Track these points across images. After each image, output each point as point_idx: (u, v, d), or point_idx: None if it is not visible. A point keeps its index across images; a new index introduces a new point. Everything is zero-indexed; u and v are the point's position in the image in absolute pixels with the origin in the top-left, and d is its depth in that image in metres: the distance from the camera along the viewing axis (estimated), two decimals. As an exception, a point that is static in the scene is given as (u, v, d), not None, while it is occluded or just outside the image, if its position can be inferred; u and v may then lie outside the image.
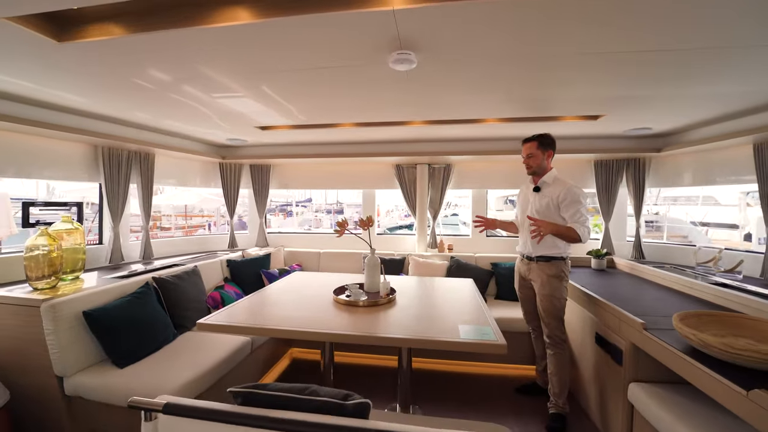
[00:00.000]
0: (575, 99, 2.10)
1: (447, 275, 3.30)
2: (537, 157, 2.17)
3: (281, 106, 2.24)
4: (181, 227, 12.98)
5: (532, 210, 2.19)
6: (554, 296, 2.10)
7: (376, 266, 2.25)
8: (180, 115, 2.50)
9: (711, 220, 10.82)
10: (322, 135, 3.10)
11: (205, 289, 2.78)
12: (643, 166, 3.22)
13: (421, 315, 1.86)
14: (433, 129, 2.79)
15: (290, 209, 20.93)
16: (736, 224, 10.40)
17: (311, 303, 2.04)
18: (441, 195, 3.71)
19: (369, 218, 2.26)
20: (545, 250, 2.13)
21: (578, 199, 2.06)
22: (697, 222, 10.47)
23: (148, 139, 3.00)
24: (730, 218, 10.90)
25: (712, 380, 1.22)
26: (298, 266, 3.63)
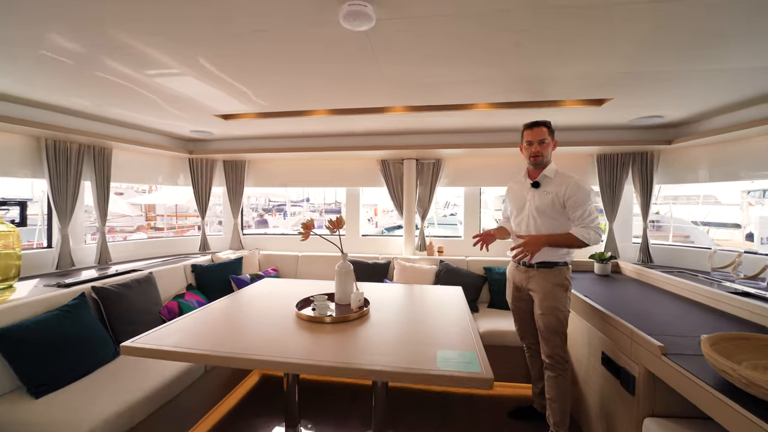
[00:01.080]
0: (577, 77, 1.79)
1: (435, 281, 3.00)
2: (549, 145, 1.85)
3: (233, 88, 1.93)
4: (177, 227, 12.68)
5: (532, 209, 1.87)
6: (558, 309, 1.80)
7: (348, 274, 1.95)
8: (122, 100, 2.18)
9: (712, 219, 10.57)
10: (295, 125, 2.79)
11: (161, 299, 2.47)
12: (651, 160, 2.92)
13: (397, 334, 1.56)
14: (418, 118, 2.49)
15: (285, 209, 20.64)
16: (739, 224, 10.15)
17: (270, 319, 1.74)
18: (430, 193, 3.41)
19: (339, 219, 1.95)
20: (547, 254, 1.83)
21: (588, 196, 1.77)
22: (698, 221, 10.22)
23: (101, 131, 2.69)
24: (731, 218, 10.65)
25: (757, 428, 0.92)
26: (274, 271, 3.33)
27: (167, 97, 2.08)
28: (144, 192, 13.21)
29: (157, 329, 1.59)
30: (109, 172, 2.89)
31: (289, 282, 2.55)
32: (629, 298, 2.17)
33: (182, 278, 2.84)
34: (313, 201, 23.85)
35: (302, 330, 1.60)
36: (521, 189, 1.97)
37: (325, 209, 21.83)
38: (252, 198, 20.82)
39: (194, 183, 3.53)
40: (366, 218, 14.94)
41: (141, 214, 17.10)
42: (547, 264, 1.84)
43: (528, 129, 1.87)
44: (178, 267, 2.82)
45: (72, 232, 2.72)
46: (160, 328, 1.60)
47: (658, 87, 1.89)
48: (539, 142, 1.83)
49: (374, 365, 1.25)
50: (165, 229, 15.98)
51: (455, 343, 1.44)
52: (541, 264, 1.85)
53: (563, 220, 1.81)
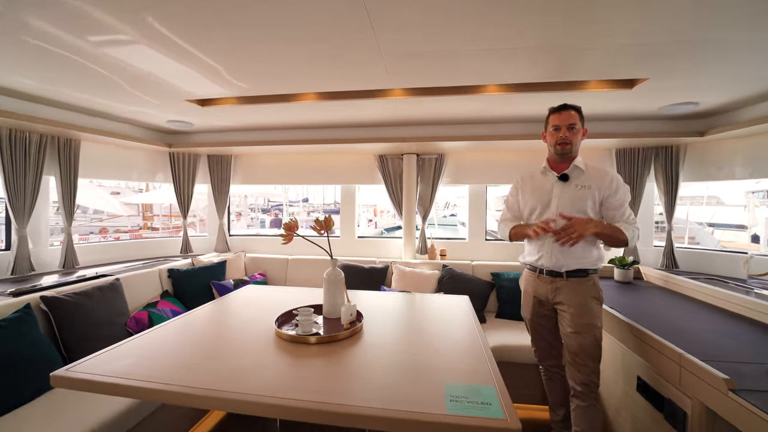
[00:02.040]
0: (613, 49, 1.49)
1: (438, 288, 2.72)
2: (579, 132, 1.57)
3: (202, 64, 1.64)
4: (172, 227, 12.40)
5: (560, 205, 1.56)
6: (596, 326, 1.51)
7: (337, 283, 1.68)
8: (72, 78, 1.86)
9: (717, 220, 10.32)
10: (283, 114, 2.51)
11: (128, 309, 2.19)
12: (676, 154, 2.65)
13: (394, 358, 1.27)
14: (419, 104, 2.20)
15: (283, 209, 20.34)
16: (743, 225, 9.90)
17: (245, 337, 1.45)
18: (432, 191, 3.13)
19: (327, 219, 1.67)
20: (581, 260, 1.53)
21: (628, 193, 1.57)
22: (703, 223, 9.96)
23: (64, 120, 2.40)
24: (736, 219, 10.40)
25: None
26: (261, 276, 3.04)
27: (126, 75, 1.77)
28: (141, 191, 12.90)
29: (104, 351, 1.31)
30: (77, 167, 2.60)
31: (275, 289, 2.26)
32: (659, 310, 1.89)
33: (156, 284, 2.55)
34: (312, 201, 23.59)
35: (282, 352, 1.32)
36: (543, 182, 1.66)
37: (324, 209, 21.52)
38: (250, 198, 20.56)
39: (175, 179, 3.24)
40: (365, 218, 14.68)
41: (137, 213, 16.83)
42: (579, 272, 1.54)
43: (555, 113, 1.58)
44: (152, 272, 2.53)
45: (34, 233, 2.44)
46: (108, 350, 1.32)
47: (708, 62, 1.58)
48: (568, 127, 1.53)
49: (367, 407, 0.97)
50: (160, 229, 15.66)
51: (466, 372, 1.16)
52: (572, 273, 1.55)
53: (597, 219, 1.53)
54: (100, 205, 9.99)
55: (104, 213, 11.82)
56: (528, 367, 2.13)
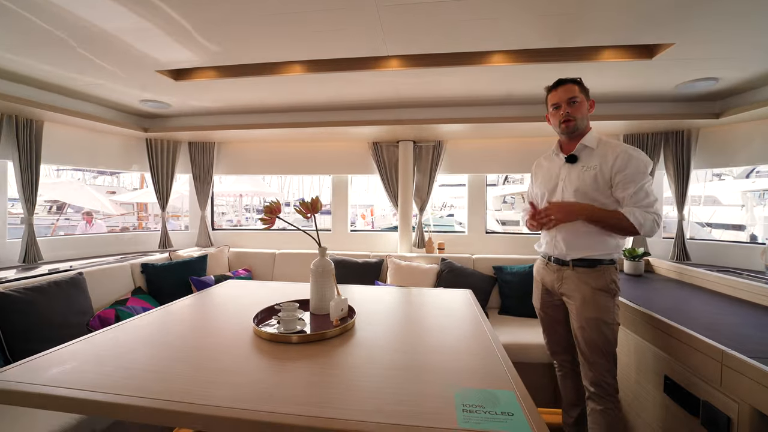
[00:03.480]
0: (631, 15, 1.32)
1: (436, 283, 2.54)
2: (582, 104, 1.39)
3: (166, 19, 1.40)
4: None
5: (566, 189, 1.42)
6: (603, 321, 1.33)
7: (326, 274, 1.48)
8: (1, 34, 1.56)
9: (715, 220, 10.35)
10: (268, 91, 2.28)
11: (92, 307, 1.95)
12: (687, 139, 2.50)
13: (391, 358, 1.08)
14: (418, 77, 1.99)
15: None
16: (743, 224, 9.93)
17: (219, 338, 1.24)
18: (430, 181, 2.94)
19: (315, 200, 1.47)
20: (587, 248, 1.37)
21: (642, 168, 1.30)
22: (703, 222, 9.97)
23: (21, 94, 2.15)
24: (732, 218, 10.45)
25: None
26: (246, 272, 2.82)
27: (71, 30, 1.50)
28: (136, 189, 12.51)
29: (43, 355, 1.09)
30: (39, 151, 2.35)
31: (260, 285, 2.05)
32: (680, 302, 1.73)
33: (128, 280, 2.32)
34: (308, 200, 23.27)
35: (261, 354, 1.11)
36: (552, 166, 1.52)
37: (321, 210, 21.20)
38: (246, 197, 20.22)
39: (152, 168, 3.00)
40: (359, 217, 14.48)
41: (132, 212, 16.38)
42: (587, 261, 1.37)
43: (552, 90, 1.43)
44: (122, 267, 2.30)
45: (-12, 224, 2.19)
46: (47, 353, 1.10)
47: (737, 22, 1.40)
48: (569, 101, 1.37)
49: (359, 420, 0.77)
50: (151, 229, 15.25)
51: (477, 373, 0.97)
52: (579, 262, 1.39)
53: (611, 207, 1.35)
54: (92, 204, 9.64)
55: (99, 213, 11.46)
56: (536, 366, 1.95)
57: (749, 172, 9.11)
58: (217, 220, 3.50)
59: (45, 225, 12.04)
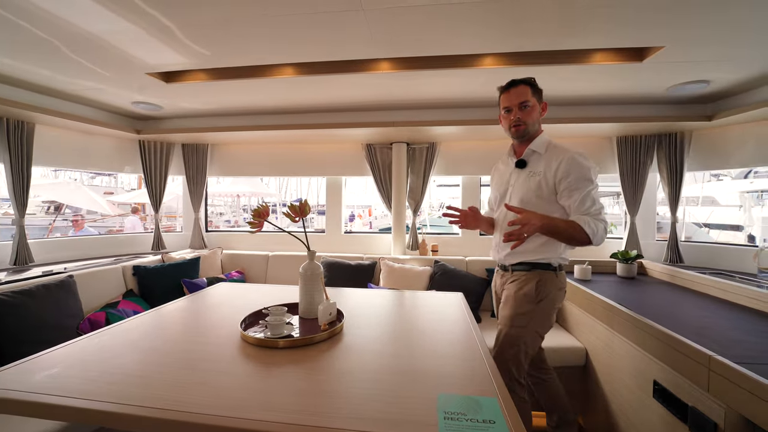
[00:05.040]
0: (623, 6, 1.31)
1: (429, 285, 2.53)
2: (534, 109, 1.35)
3: (151, 21, 1.39)
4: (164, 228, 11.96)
5: (513, 196, 1.41)
6: (516, 324, 1.34)
7: (314, 278, 1.47)
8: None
9: (712, 221, 10.37)
10: (260, 93, 2.28)
11: (82, 310, 1.94)
12: (681, 142, 2.50)
13: (378, 362, 1.07)
14: (409, 79, 1.99)
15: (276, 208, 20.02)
16: (741, 225, 9.95)
17: (206, 342, 1.24)
18: (423, 182, 2.94)
19: (303, 204, 1.47)
20: (528, 253, 1.36)
21: (588, 175, 1.26)
22: (700, 223, 9.98)
23: (9, 96, 2.14)
24: (730, 219, 10.46)
25: None
26: (239, 274, 2.81)
27: (59, 33, 1.48)
28: (134, 189, 12.50)
29: (27, 360, 1.08)
30: (30, 153, 2.34)
31: (251, 288, 2.04)
32: (671, 306, 1.73)
33: (119, 283, 2.30)
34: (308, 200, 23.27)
35: (248, 359, 1.10)
36: (505, 170, 1.49)
37: (319, 210, 21.22)
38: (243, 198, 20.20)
39: (146, 170, 2.99)
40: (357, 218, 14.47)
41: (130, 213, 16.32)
42: (525, 266, 1.36)
43: (504, 92, 1.38)
44: (114, 269, 2.29)
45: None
46: (32, 359, 1.09)
47: (730, 24, 1.39)
48: (520, 105, 1.33)
49: (340, 428, 0.76)
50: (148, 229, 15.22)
51: (462, 378, 0.97)
52: (517, 266, 1.38)
53: (557, 214, 1.31)
54: (89, 205, 9.61)
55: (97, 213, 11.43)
56: (528, 370, 1.95)
57: (747, 172, 9.12)
58: (215, 221, 3.50)
59: (42, 225, 12.02)
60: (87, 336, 1.25)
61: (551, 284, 1.34)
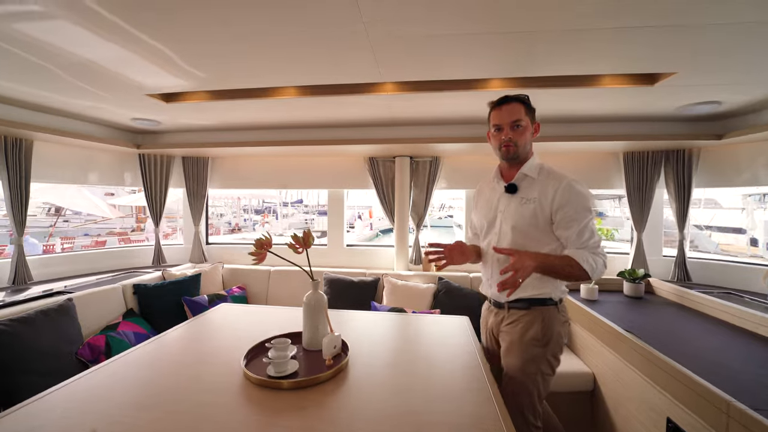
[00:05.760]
0: (634, 35, 1.27)
1: (433, 303, 2.49)
2: (527, 130, 1.26)
3: (148, 49, 1.36)
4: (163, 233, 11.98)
5: (503, 224, 1.29)
6: (527, 371, 1.24)
7: (319, 309, 1.44)
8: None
9: (715, 224, 10.32)
10: (262, 112, 2.25)
11: (82, 334, 1.91)
12: (689, 159, 2.47)
13: (385, 408, 1.04)
14: (412, 101, 1.96)
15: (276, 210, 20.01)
16: (741, 228, 9.91)
17: (207, 378, 1.20)
18: (426, 197, 2.91)
19: (306, 234, 1.43)
20: (525, 288, 1.26)
21: (587, 204, 1.19)
22: (702, 226, 9.94)
23: (11, 117, 2.11)
24: (733, 222, 10.43)
25: None
26: (240, 290, 2.78)
27: (60, 61, 1.47)
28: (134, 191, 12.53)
29: (19, 407, 1.04)
30: (28, 170, 2.31)
31: (253, 309, 2.00)
32: (681, 333, 1.69)
33: (119, 302, 2.27)
34: (306, 202, 23.26)
35: (250, 403, 1.07)
36: (492, 195, 1.38)
37: (319, 211, 21.20)
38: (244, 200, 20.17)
39: (146, 183, 2.96)
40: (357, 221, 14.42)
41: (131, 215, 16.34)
42: (523, 302, 1.27)
43: (495, 108, 1.28)
44: (114, 288, 2.26)
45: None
46: (22, 407, 1.05)
47: (747, 51, 1.36)
48: (512, 125, 1.24)
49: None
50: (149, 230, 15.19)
51: (469, 419, 0.94)
52: (515, 304, 1.29)
53: (553, 245, 1.24)
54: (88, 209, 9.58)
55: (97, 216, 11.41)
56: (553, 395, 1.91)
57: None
58: (215, 222, 3.45)
59: (43, 227, 12.00)
60: (82, 376, 1.21)
61: (555, 321, 1.27)
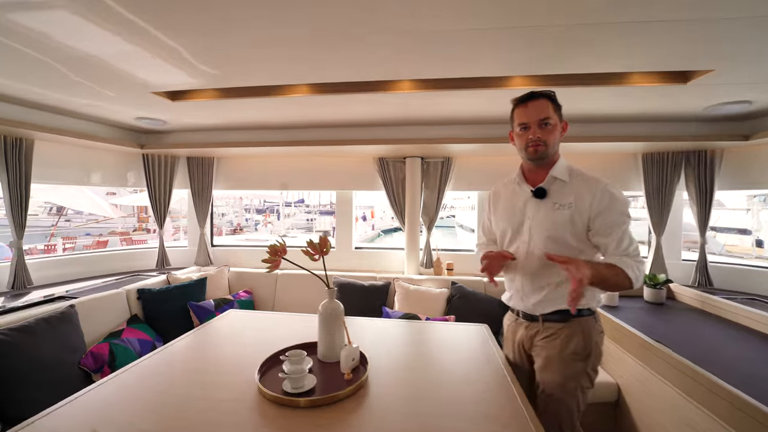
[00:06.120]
0: (669, 27, 1.20)
1: (447, 309, 2.42)
2: (556, 128, 1.16)
3: (155, 43, 1.28)
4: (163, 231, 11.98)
5: (534, 231, 1.19)
6: (568, 387, 1.16)
7: (335, 318, 1.37)
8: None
9: (720, 224, 10.23)
10: (271, 111, 2.18)
11: (85, 342, 1.84)
12: (711, 160, 2.39)
13: (416, 424, 0.98)
14: (429, 99, 1.88)
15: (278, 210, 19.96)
16: (746, 229, 9.82)
17: (218, 398, 1.13)
18: (438, 198, 2.83)
19: (323, 240, 1.36)
20: (563, 299, 1.13)
21: (625, 209, 1.11)
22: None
23: (11, 116, 2.03)
24: (738, 222, 10.35)
25: None
26: (247, 294, 2.71)
27: (60, 56, 1.39)
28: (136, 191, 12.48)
29: (31, 422, 0.98)
30: (29, 170, 2.23)
31: (262, 316, 1.94)
32: (710, 341, 1.62)
33: (124, 308, 2.20)
34: (307, 202, 23.19)
35: (264, 418, 1.01)
36: (515, 199, 1.27)
37: (320, 211, 21.13)
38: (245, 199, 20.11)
39: (149, 184, 2.88)
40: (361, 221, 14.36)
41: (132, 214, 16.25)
42: (560, 315, 1.17)
43: (520, 105, 1.18)
44: (117, 294, 2.18)
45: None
46: (33, 421, 0.98)
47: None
48: (540, 123, 1.13)
49: None
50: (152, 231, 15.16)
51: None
52: (549, 316, 1.19)
53: (588, 253, 1.16)
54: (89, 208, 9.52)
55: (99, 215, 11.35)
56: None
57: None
58: (217, 222, 3.38)
59: (44, 227, 11.94)
60: (87, 391, 1.13)
61: (594, 332, 1.20)
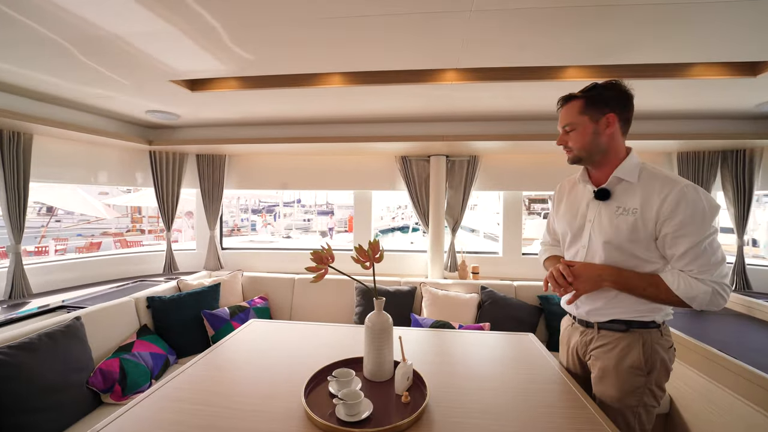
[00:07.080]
0: (746, 6, 1.08)
1: (478, 315, 2.29)
2: (582, 132, 1.06)
3: (193, 18, 1.11)
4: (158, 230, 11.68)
5: (593, 237, 1.09)
6: (627, 404, 1.04)
7: (384, 333, 1.23)
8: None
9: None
10: (294, 104, 2.02)
11: (92, 358, 1.66)
12: (750, 159, 2.30)
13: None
14: (473, 93, 1.75)
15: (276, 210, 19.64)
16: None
17: (256, 425, 0.98)
18: (463, 198, 2.70)
19: (373, 245, 1.22)
20: (618, 307, 1.06)
21: (702, 215, 0.92)
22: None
23: (8, 106, 1.85)
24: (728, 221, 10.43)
25: None
26: (262, 300, 2.54)
27: (74, 34, 1.21)
28: (129, 191, 12.15)
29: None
30: (27, 168, 2.05)
31: (287, 327, 1.76)
32: (764, 348, 1.54)
33: (132, 318, 2.02)
34: (304, 202, 22.91)
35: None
36: (578, 199, 1.17)
37: (318, 210, 20.83)
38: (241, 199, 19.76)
39: (156, 183, 2.70)
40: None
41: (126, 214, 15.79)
42: (621, 324, 1.06)
43: (558, 110, 1.15)
44: (126, 302, 2.00)
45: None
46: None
47: None
48: (565, 128, 1.10)
49: None
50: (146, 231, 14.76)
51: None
52: (606, 325, 1.08)
53: (658, 264, 1.02)
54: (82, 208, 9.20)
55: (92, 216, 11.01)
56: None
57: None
58: None
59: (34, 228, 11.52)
60: (102, 427, 0.95)
61: (659, 346, 1.04)
